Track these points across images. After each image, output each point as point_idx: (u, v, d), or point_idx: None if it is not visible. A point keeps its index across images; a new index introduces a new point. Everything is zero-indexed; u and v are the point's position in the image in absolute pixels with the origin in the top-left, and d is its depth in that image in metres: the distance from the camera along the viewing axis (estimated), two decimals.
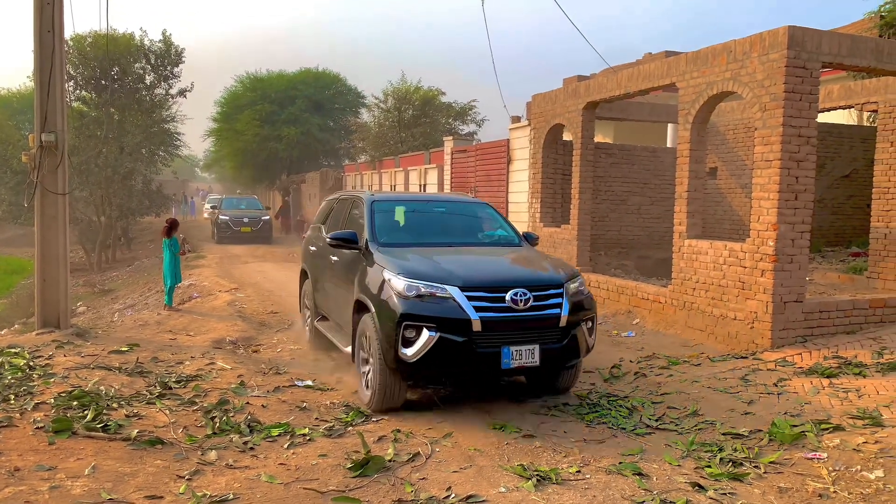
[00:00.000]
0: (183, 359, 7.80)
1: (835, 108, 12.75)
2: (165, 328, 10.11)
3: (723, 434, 5.44)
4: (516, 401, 6.37)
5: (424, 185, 22.19)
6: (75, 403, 5.73)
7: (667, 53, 17.72)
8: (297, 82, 38.10)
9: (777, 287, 7.90)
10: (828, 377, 6.75)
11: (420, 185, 22.51)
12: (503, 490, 4.36)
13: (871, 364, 6.98)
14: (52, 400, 5.81)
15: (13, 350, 7.61)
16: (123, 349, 8.06)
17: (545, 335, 5.71)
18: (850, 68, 8.78)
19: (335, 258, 7.34)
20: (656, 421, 5.81)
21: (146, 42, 28.96)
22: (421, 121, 30.44)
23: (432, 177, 21.73)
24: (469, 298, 5.52)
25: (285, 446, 5.15)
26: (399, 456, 4.90)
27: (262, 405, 6.14)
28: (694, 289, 9.08)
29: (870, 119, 14.82)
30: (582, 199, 11.91)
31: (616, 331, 9.64)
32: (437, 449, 5.09)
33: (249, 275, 17.16)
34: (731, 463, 4.84)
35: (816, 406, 6.03)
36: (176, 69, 29.37)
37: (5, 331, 13.51)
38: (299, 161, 37.67)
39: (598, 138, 15.34)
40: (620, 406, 6.22)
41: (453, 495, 4.28)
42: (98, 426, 5.25)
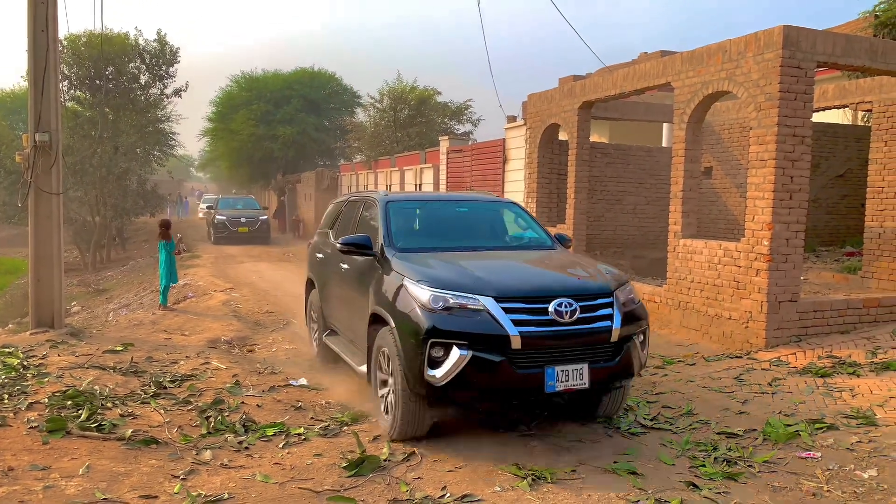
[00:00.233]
0: (178, 358, 7.78)
1: (829, 108, 12.79)
2: (160, 328, 10.09)
3: (717, 433, 5.45)
4: None
5: (420, 185, 22.18)
6: (69, 403, 5.71)
7: (662, 53, 17.76)
8: (293, 82, 38.02)
9: (772, 286, 7.92)
10: (822, 377, 6.77)
11: (416, 185, 22.50)
12: (498, 489, 4.36)
13: (865, 363, 7.00)
14: (47, 399, 5.79)
15: (7, 350, 7.58)
16: (118, 349, 8.04)
17: (595, 352, 5.00)
18: (845, 68, 8.81)
19: (346, 266, 6.59)
20: (651, 420, 5.81)
21: (141, 42, 28.89)
22: (416, 120, 30.43)
23: (428, 176, 21.72)
24: (506, 311, 4.82)
25: (280, 446, 5.15)
26: (394, 455, 4.90)
27: (257, 405, 6.13)
28: (689, 288, 9.10)
29: (864, 119, 14.87)
30: (577, 199, 11.92)
31: None
32: (432, 448, 5.08)
33: (245, 274, 17.13)
34: (726, 462, 4.85)
35: (810, 405, 6.05)
36: (171, 69, 29.31)
37: None
38: (295, 161, 37.60)
39: (594, 138, 15.36)
40: None
41: (448, 495, 4.28)
42: (92, 426, 5.24)
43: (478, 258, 5.79)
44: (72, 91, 27.94)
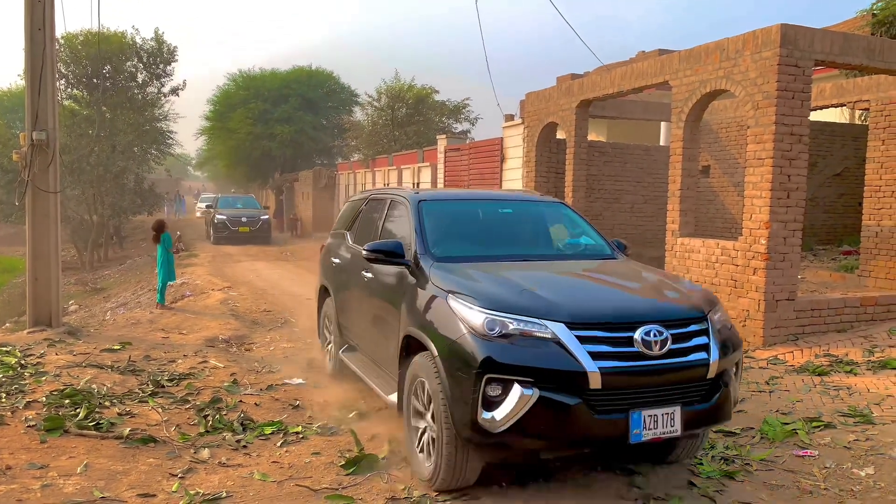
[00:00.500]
0: (175, 357, 7.78)
1: (827, 107, 12.80)
2: (158, 326, 10.08)
3: (715, 432, 5.46)
4: None
5: (418, 184, 22.19)
6: (67, 402, 5.71)
7: (660, 51, 17.76)
8: (290, 80, 38.01)
9: (769, 285, 7.93)
10: (819, 375, 6.78)
11: (413, 184, 22.50)
12: (496, 488, 4.36)
13: (862, 362, 7.01)
14: (44, 398, 5.78)
15: (4, 348, 7.57)
16: (115, 347, 8.03)
17: (688, 392, 4.09)
18: (843, 66, 8.82)
19: (369, 275, 5.73)
20: None
21: (138, 40, 28.87)
22: (414, 119, 30.46)
23: (426, 175, 21.73)
24: (581, 340, 3.92)
25: (278, 444, 5.15)
26: (393, 454, 4.89)
27: (255, 403, 6.13)
28: None
29: (861, 117, 14.89)
30: (575, 198, 11.93)
31: None
32: None
33: (242, 273, 17.13)
34: (723, 460, 4.86)
35: (808, 404, 6.06)
36: (168, 67, 29.29)
37: None
38: (292, 160, 37.61)
39: (592, 137, 15.37)
40: None
41: (449, 496, 4.27)
42: (90, 424, 5.24)
43: (532, 270, 4.91)
44: (69, 90, 27.95)
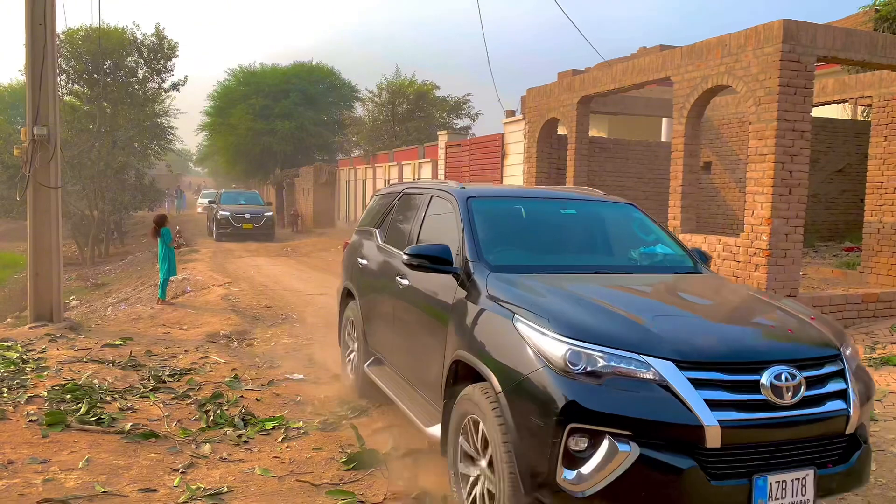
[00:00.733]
0: (177, 352, 7.78)
1: (829, 103, 12.79)
2: (159, 322, 10.08)
3: None
4: None
5: (419, 180, 22.19)
6: (69, 397, 5.71)
7: (661, 47, 17.73)
8: (291, 76, 38.00)
9: (770, 281, 7.92)
10: None
11: (414, 180, 22.51)
12: None
13: (864, 359, 7.01)
14: (46, 393, 5.79)
15: (6, 344, 7.57)
16: (117, 343, 8.03)
17: (824, 450, 3.23)
18: (845, 62, 8.80)
19: (405, 281, 4.94)
20: None
21: (139, 36, 28.86)
22: (415, 115, 30.46)
23: (426, 171, 21.73)
24: (695, 384, 3.04)
25: (279, 440, 5.14)
26: (395, 450, 4.89)
27: (256, 399, 6.13)
28: None
29: (864, 113, 14.87)
30: None
31: None
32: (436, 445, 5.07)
33: (243, 269, 17.13)
34: None
35: None
36: (169, 63, 29.29)
37: None
38: (293, 155, 37.61)
39: (593, 132, 15.34)
40: None
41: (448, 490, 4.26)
42: (92, 419, 5.24)
43: (611, 287, 4.01)
44: (70, 85, 27.95)
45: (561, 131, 13.30)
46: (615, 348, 3.13)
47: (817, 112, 13.14)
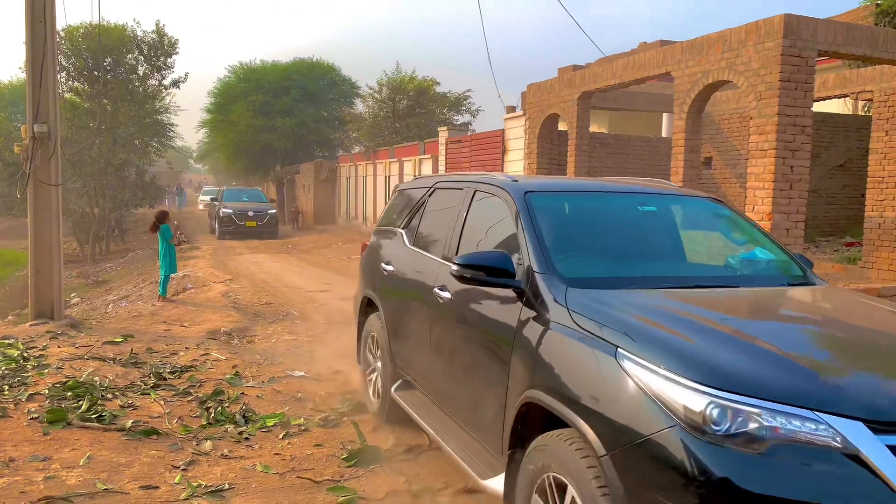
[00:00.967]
0: (177, 349, 7.78)
1: (830, 98, 12.77)
2: (159, 319, 10.09)
3: None
4: None
5: (419, 177, 22.16)
6: (70, 394, 5.71)
7: (662, 42, 17.70)
8: (291, 72, 37.96)
9: None
10: None
11: (415, 176, 22.49)
12: None
13: None
14: (47, 391, 5.79)
15: (7, 341, 7.58)
16: (118, 340, 8.04)
17: None
18: (846, 57, 8.79)
19: (446, 294, 4.12)
20: None
21: (139, 33, 28.84)
22: (415, 111, 30.42)
23: (427, 167, 21.72)
24: None
25: (280, 436, 5.14)
26: (396, 447, 4.89)
27: (257, 395, 6.13)
28: None
29: (864, 108, 14.84)
30: None
31: None
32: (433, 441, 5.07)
33: (244, 266, 17.14)
34: None
35: None
36: (169, 60, 29.27)
37: None
38: (293, 152, 37.59)
39: (594, 128, 15.33)
40: None
41: (450, 488, 4.27)
42: (93, 416, 5.24)
43: (732, 307, 3.22)
44: (70, 82, 27.96)
45: (562, 127, 13.29)
46: (778, 402, 2.26)
47: (818, 107, 13.11)
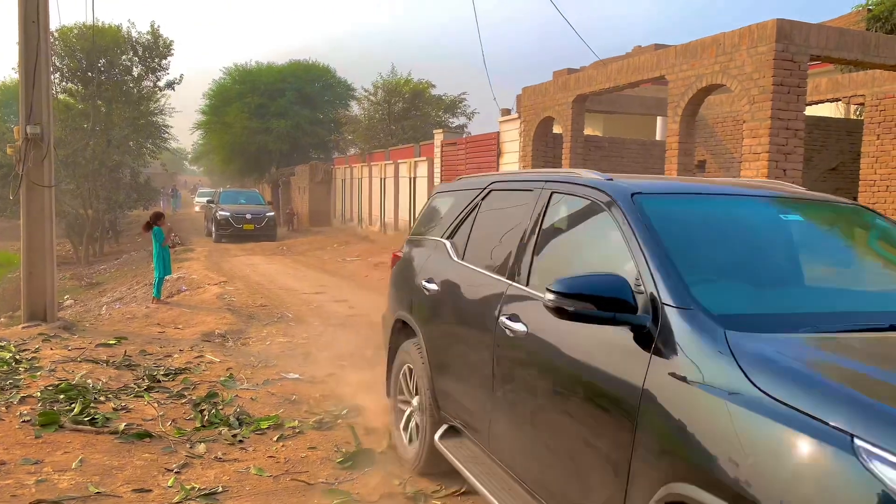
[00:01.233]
0: (171, 352, 7.77)
1: (822, 101, 12.83)
2: (153, 321, 10.06)
3: None
4: None
5: (414, 179, 22.15)
6: (62, 397, 5.69)
7: (656, 46, 17.75)
8: (286, 74, 37.90)
9: None
10: None
11: (410, 179, 22.47)
12: None
13: None
14: (39, 393, 5.77)
15: None
16: (111, 342, 8.01)
17: None
18: (838, 61, 8.84)
19: (519, 326, 3.19)
20: None
21: (134, 34, 28.77)
22: (411, 114, 30.44)
23: (422, 170, 21.71)
24: None
25: (275, 439, 5.14)
26: (390, 449, 4.89)
27: (252, 398, 6.12)
28: None
29: (857, 112, 14.92)
30: None
31: None
32: None
33: (238, 268, 17.11)
34: None
35: None
36: (164, 61, 29.20)
37: None
38: (289, 154, 37.54)
39: (588, 131, 15.37)
40: None
41: (443, 491, 4.27)
42: (85, 419, 5.22)
43: None
44: (63, 83, 27.83)
45: (556, 130, 13.32)
46: None
47: (811, 111, 13.17)
